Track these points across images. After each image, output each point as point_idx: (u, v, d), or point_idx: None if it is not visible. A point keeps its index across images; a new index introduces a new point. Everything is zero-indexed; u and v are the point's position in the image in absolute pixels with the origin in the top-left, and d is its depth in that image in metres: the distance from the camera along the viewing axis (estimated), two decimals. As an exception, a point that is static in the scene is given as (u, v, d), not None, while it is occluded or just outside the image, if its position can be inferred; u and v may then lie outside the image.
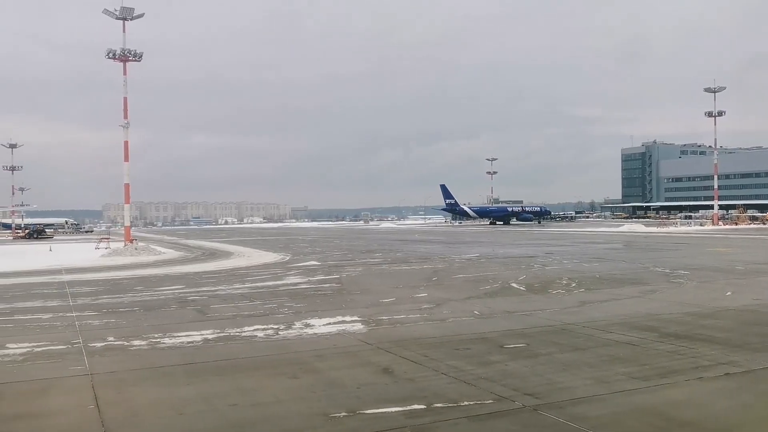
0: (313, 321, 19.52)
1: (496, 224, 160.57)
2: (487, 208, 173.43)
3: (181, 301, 25.04)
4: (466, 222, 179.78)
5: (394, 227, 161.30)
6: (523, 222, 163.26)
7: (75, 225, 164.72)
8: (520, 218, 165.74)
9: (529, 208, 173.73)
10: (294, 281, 31.74)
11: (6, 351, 15.98)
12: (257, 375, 13.23)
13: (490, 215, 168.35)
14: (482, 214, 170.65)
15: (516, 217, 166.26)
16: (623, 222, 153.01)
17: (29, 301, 25.74)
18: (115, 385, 12.58)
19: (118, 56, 66.05)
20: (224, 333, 17.92)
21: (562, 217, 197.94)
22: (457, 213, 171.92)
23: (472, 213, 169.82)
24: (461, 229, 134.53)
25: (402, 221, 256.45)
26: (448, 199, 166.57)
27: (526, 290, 26.67)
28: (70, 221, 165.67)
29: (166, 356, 15.17)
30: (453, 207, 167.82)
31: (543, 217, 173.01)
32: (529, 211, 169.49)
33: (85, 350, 15.94)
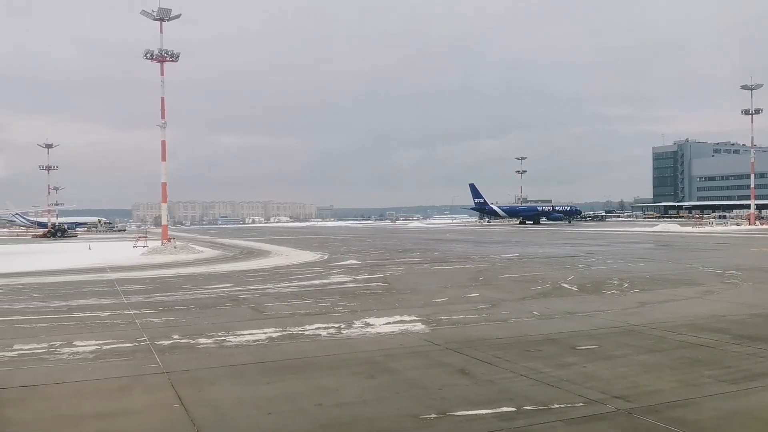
0: (372, 320, 19.39)
1: (525, 224, 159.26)
2: (516, 208, 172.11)
3: (233, 300, 25.12)
4: (495, 221, 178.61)
5: (422, 226, 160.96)
6: (553, 221, 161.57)
7: (108, 224, 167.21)
8: (550, 218, 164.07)
9: (560, 207, 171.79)
10: (340, 280, 31.68)
11: (75, 348, 16.11)
12: (333, 374, 13.12)
13: (520, 215, 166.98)
14: (512, 214, 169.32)
15: (546, 216, 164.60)
16: (656, 222, 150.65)
17: (84, 299, 26.04)
18: (193, 383, 12.57)
19: (155, 57, 66.79)
20: (287, 331, 17.88)
21: (592, 216, 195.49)
22: (486, 212, 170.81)
23: (502, 212, 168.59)
24: (492, 228, 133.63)
25: (428, 220, 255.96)
26: (477, 198, 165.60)
27: (578, 290, 26.25)
28: (103, 220, 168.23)
29: (235, 355, 15.15)
30: (482, 206, 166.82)
31: (573, 217, 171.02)
32: (559, 211, 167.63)
33: (153, 348, 16.01)
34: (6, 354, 15.60)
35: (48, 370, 14.01)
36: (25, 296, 27.36)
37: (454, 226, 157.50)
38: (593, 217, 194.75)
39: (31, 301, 25.80)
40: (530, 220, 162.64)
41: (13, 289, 30.35)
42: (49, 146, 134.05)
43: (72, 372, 13.72)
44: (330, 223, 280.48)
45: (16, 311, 23.03)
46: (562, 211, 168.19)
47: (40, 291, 29.19)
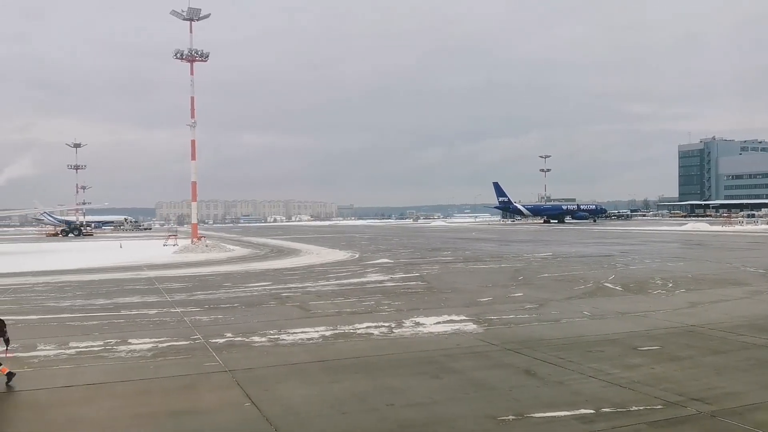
0: (421, 319, 19.25)
1: (550, 222, 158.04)
2: (540, 207, 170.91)
3: (276, 298, 25.13)
4: (518, 220, 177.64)
5: (445, 225, 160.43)
6: (578, 220, 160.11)
7: (134, 222, 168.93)
8: (575, 217, 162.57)
9: (585, 206, 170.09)
10: (377, 279, 31.57)
11: (132, 347, 16.18)
12: (397, 374, 12.99)
13: (544, 213, 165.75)
14: (536, 213, 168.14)
15: (571, 215, 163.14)
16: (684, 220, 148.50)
17: (128, 297, 26.22)
18: (258, 382, 12.51)
19: (185, 56, 67.34)
20: (338, 330, 17.81)
21: (617, 215, 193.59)
22: (511, 211, 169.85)
23: (526, 211, 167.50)
24: (517, 227, 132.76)
25: (450, 219, 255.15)
26: (501, 197, 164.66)
27: (623, 290, 25.87)
28: (129, 219, 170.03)
29: (293, 353, 15.09)
30: (506, 205, 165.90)
31: (598, 216, 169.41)
32: (584, 210, 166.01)
33: (209, 346, 16.02)
34: (64, 352, 15.72)
35: (109, 368, 14.07)
36: (68, 294, 27.64)
37: (477, 225, 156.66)
38: (618, 216, 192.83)
39: (75, 298, 26.05)
40: (555, 219, 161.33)
41: (54, 287, 30.69)
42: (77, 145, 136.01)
43: (134, 370, 13.75)
44: (351, 222, 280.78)
45: (64, 309, 23.25)
46: (587, 210, 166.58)
47: (82, 289, 29.47)
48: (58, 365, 14.36)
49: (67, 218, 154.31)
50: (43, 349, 15.98)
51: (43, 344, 16.59)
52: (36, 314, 21.97)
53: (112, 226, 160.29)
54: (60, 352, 15.65)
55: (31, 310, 23.16)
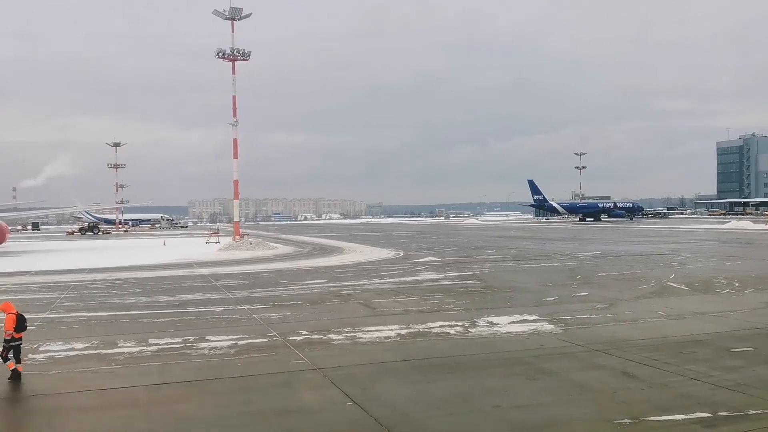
0: (493, 319, 19.01)
1: (585, 221, 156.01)
2: (576, 204, 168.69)
3: (337, 295, 25.09)
4: (553, 218, 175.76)
5: (479, 223, 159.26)
6: (615, 219, 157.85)
7: (170, 220, 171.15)
8: (611, 215, 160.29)
9: (621, 204, 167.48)
10: (432, 277, 31.35)
11: (212, 344, 16.24)
12: (490, 374, 12.81)
13: (580, 211, 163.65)
14: (572, 211, 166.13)
15: (607, 213, 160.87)
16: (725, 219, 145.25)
17: (189, 294, 26.43)
18: (352, 381, 12.42)
19: (227, 56, 67.86)
20: (412, 329, 17.66)
21: (654, 213, 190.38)
22: (546, 209, 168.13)
23: (561, 209, 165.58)
24: (553, 225, 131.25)
25: (481, 217, 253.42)
26: (536, 195, 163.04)
27: (690, 290, 25.27)
28: (165, 217, 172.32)
29: (376, 352, 14.99)
30: (541, 203, 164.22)
31: (635, 214, 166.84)
32: (621, 208, 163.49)
33: (289, 344, 16.00)
34: (146, 349, 15.84)
35: (197, 365, 14.12)
36: (129, 291, 27.97)
37: (512, 223, 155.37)
38: (655, 214, 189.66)
39: (138, 295, 26.33)
40: (590, 217, 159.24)
41: (113, 283, 31.12)
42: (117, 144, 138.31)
43: (223, 368, 13.77)
44: (382, 220, 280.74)
45: (131, 306, 23.51)
46: (623, 208, 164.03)
47: (141, 286, 29.82)
48: (146, 362, 14.46)
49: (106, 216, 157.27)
50: (124, 346, 16.14)
51: (123, 341, 16.77)
52: (105, 311, 22.23)
53: (149, 224, 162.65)
54: (142, 349, 15.78)
55: (99, 306, 23.46)
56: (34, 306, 23.62)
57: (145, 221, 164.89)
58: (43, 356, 15.22)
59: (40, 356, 15.21)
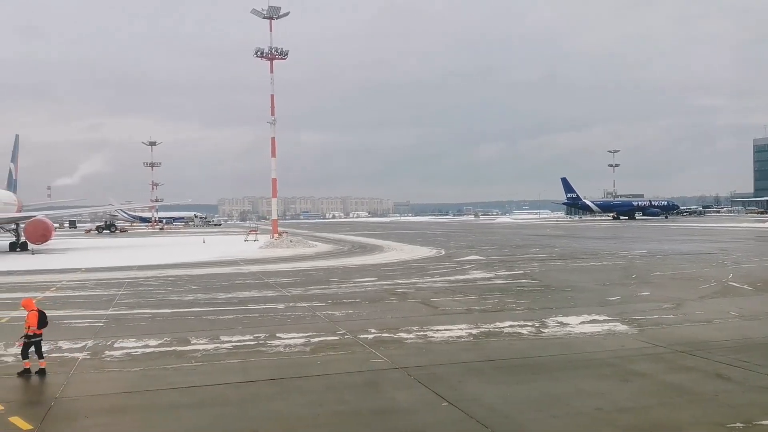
0: (562, 319, 18.71)
1: (619, 219, 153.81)
2: (610, 203, 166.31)
3: (393, 294, 24.96)
4: (586, 216, 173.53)
5: (511, 222, 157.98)
6: (650, 217, 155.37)
7: (203, 218, 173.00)
8: (646, 213, 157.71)
9: (656, 202, 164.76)
10: (483, 276, 31.05)
11: (284, 341, 16.22)
12: (578, 376, 12.54)
13: (614, 210, 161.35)
14: (605, 209, 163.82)
15: (642, 211, 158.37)
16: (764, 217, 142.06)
17: (245, 291, 26.55)
18: (439, 380, 12.25)
19: (265, 55, 68.10)
20: (482, 328, 17.44)
21: (690, 211, 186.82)
22: (579, 207, 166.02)
23: (595, 207, 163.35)
24: (588, 224, 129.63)
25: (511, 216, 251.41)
26: (569, 192, 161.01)
27: (753, 290, 24.65)
28: (199, 215, 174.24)
29: (453, 351, 14.81)
30: (575, 201, 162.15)
31: (670, 212, 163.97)
32: (656, 206, 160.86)
33: (361, 342, 15.91)
34: (220, 346, 15.88)
35: (276, 362, 14.09)
36: (184, 288, 28.19)
37: (545, 222, 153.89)
38: (691, 213, 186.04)
39: (194, 293, 26.50)
40: (624, 216, 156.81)
41: (166, 280, 31.42)
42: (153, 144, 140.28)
43: (303, 366, 13.71)
44: (411, 218, 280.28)
45: (191, 303, 23.67)
46: (658, 206, 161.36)
47: (194, 283, 30.04)
48: (225, 360, 14.48)
49: (141, 215, 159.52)
50: (198, 343, 16.21)
51: (195, 338, 16.85)
52: (167, 308, 22.42)
53: (183, 222, 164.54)
54: (217, 347, 15.82)
55: (159, 303, 23.67)
56: (95, 303, 23.96)
57: (179, 219, 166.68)
58: (119, 353, 15.35)
59: (116, 353, 15.34)
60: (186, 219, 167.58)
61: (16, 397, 11.83)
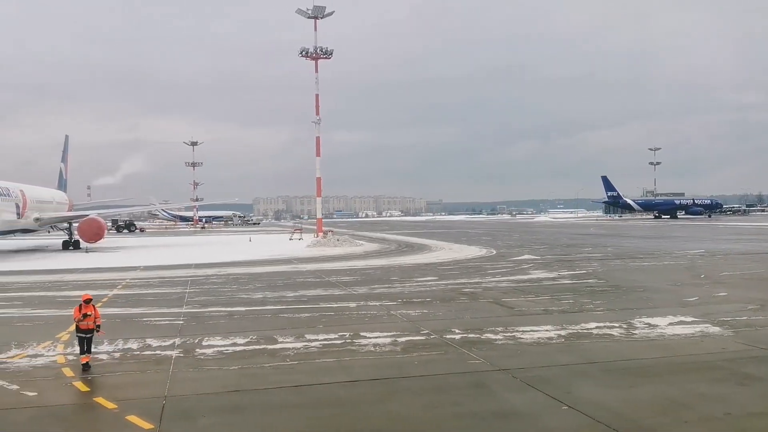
0: (647, 320, 18.26)
1: (661, 218, 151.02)
2: (651, 201, 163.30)
3: (461, 293, 24.72)
4: (626, 215, 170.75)
5: (551, 221, 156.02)
6: (692, 216, 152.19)
7: (241, 217, 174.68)
8: (689, 212, 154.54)
9: (699, 200, 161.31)
10: (546, 276, 30.57)
11: (371, 341, 16.11)
12: (693, 379, 12.15)
13: (656, 208, 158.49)
14: (647, 207, 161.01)
15: (685, 210, 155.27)
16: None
17: (310, 290, 26.54)
18: (547, 383, 11.96)
19: (310, 54, 68.36)
20: (568, 330, 17.09)
21: (733, 210, 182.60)
22: (620, 206, 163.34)
23: (636, 206, 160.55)
24: (630, 223, 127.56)
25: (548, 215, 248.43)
26: (609, 191, 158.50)
27: (837, 291, 23.79)
28: (238, 214, 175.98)
29: (548, 353, 14.53)
30: (615, 200, 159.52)
31: (713, 211, 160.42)
32: (699, 204, 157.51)
33: (450, 342, 15.72)
34: (309, 344, 15.83)
35: (373, 362, 13.97)
36: (249, 286, 28.34)
37: (585, 221, 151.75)
38: (734, 211, 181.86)
39: (260, 290, 26.60)
40: (666, 215, 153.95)
41: (228, 278, 31.65)
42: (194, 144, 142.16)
43: (401, 366, 13.56)
44: (445, 217, 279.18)
45: (262, 301, 23.76)
46: (701, 205, 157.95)
47: (256, 281, 30.19)
48: (318, 358, 14.42)
49: (182, 214, 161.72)
50: (285, 342, 16.19)
51: (280, 336, 16.85)
52: (240, 306, 22.51)
53: (222, 221, 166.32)
54: (305, 345, 15.79)
55: (230, 301, 23.80)
56: (167, 300, 24.20)
57: (218, 218, 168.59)
58: (211, 351, 15.40)
59: (208, 351, 15.40)
60: (225, 218, 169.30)
61: (124, 395, 11.85)
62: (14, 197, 52.78)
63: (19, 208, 53.12)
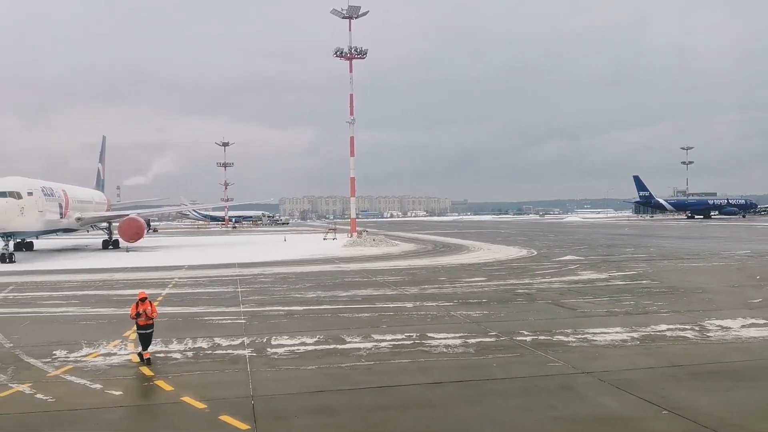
0: (719, 322, 17.90)
1: (694, 218, 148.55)
2: (684, 201, 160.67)
3: (516, 294, 24.49)
4: (657, 215, 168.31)
5: (581, 221, 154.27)
6: (726, 216, 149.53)
7: (270, 217, 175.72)
8: (723, 212, 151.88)
9: (733, 200, 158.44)
10: (597, 277, 30.13)
11: (440, 341, 15.97)
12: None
13: (689, 208, 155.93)
14: (679, 208, 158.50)
15: (718, 210, 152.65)
16: None
17: (362, 289, 26.48)
18: (636, 386, 11.72)
19: (344, 54, 68.46)
20: (640, 332, 16.77)
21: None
22: (652, 206, 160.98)
23: (669, 206, 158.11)
24: (663, 223, 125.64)
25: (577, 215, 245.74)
26: (641, 191, 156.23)
27: None
28: (267, 214, 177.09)
29: (629, 355, 14.27)
30: (647, 200, 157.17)
31: (747, 211, 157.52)
32: (733, 204, 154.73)
33: (522, 344, 15.52)
34: (379, 344, 15.75)
35: (450, 364, 13.84)
36: (299, 285, 28.40)
37: (616, 221, 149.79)
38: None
39: (311, 290, 26.62)
40: (700, 215, 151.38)
41: (276, 277, 31.76)
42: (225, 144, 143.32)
43: (483, 368, 13.40)
44: (471, 217, 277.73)
45: (317, 300, 23.77)
46: (736, 205, 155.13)
47: (305, 281, 30.24)
48: (393, 359, 14.33)
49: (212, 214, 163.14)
50: (353, 342, 16.14)
51: (347, 336, 16.81)
52: (297, 305, 22.52)
53: (251, 221, 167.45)
54: (374, 345, 15.72)
55: (286, 300, 23.85)
56: (222, 300, 24.33)
57: (247, 218, 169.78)
58: (282, 350, 15.40)
59: (279, 351, 15.39)
60: (254, 218, 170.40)
61: (209, 395, 11.82)
62: (57, 197, 53.61)
63: (62, 208, 53.95)
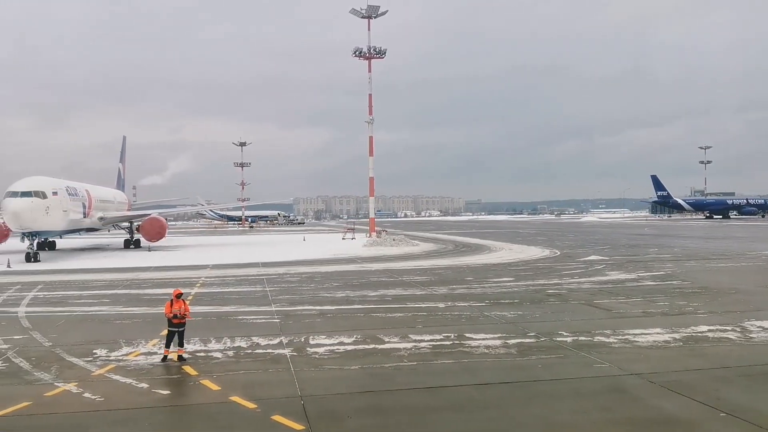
0: (759, 323, 17.72)
1: (712, 218, 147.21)
2: (703, 201, 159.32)
3: (547, 295, 24.32)
4: (675, 215, 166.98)
5: (598, 221, 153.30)
6: (745, 216, 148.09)
7: (286, 217, 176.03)
8: (742, 212, 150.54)
9: (753, 200, 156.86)
10: (626, 277, 29.85)
11: (479, 342, 15.89)
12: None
13: (707, 208, 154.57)
14: (698, 207, 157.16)
15: (737, 210, 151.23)
16: None
17: (390, 289, 26.45)
18: (687, 387, 11.60)
19: (363, 54, 68.43)
20: (682, 332, 16.62)
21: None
22: (670, 206, 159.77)
23: (687, 206, 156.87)
24: (682, 223, 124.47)
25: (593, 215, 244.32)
26: (659, 191, 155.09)
27: None
28: (282, 214, 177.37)
29: (675, 357, 14.13)
30: (665, 199, 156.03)
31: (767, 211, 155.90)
32: (753, 204, 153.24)
33: (562, 345, 15.41)
34: (418, 345, 15.69)
35: (494, 365, 13.76)
36: (326, 285, 28.41)
37: (633, 220, 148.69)
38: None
39: (339, 289, 26.59)
40: (718, 215, 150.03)
41: (302, 277, 31.79)
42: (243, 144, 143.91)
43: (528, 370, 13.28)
44: (488, 217, 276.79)
45: (346, 300, 23.74)
46: (755, 205, 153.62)
47: (331, 280, 30.26)
48: (436, 360, 14.26)
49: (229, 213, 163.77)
50: (391, 342, 16.11)
51: (384, 336, 16.79)
52: (328, 305, 22.53)
53: (267, 221, 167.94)
54: (414, 345, 15.67)
55: (315, 300, 23.86)
56: (253, 299, 24.40)
57: (263, 218, 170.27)
58: (322, 350, 15.38)
59: (319, 350, 15.37)
60: (270, 218, 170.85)
61: (257, 394, 11.78)
62: (81, 197, 54.07)
63: (85, 208, 54.41)
